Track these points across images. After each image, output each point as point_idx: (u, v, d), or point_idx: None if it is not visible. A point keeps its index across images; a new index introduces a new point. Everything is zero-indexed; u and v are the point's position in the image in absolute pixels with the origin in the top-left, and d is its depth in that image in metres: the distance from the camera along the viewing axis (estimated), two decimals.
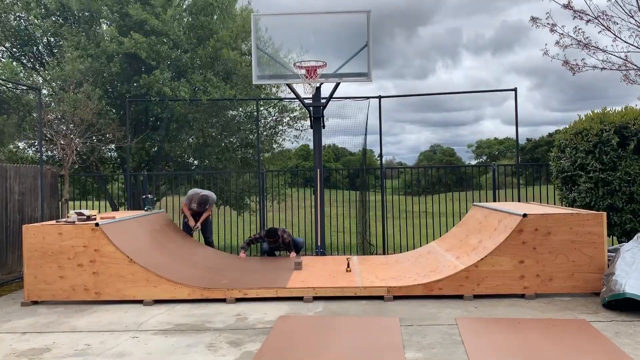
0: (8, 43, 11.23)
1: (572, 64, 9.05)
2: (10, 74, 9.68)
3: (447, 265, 6.71)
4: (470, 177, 12.71)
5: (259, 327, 5.23)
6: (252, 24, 8.66)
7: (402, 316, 5.44)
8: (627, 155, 7.29)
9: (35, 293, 6.38)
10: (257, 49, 8.81)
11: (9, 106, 10.28)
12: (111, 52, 10.18)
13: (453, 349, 4.45)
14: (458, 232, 7.99)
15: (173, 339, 4.92)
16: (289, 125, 13.22)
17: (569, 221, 6.07)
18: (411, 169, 12.34)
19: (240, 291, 6.27)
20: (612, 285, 5.44)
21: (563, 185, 8.06)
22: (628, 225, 7.34)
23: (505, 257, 6.09)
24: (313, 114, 9.03)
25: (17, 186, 8.31)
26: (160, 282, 6.27)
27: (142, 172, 10.41)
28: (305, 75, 8.38)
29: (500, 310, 5.61)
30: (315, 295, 6.20)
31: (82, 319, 5.69)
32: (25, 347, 4.80)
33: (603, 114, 7.75)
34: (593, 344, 4.48)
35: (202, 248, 8.78)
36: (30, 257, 6.36)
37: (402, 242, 10.37)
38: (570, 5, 8.75)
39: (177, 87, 10.34)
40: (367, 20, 8.43)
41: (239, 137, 12.51)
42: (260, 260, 8.54)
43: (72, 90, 9.20)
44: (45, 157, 9.99)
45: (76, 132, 9.01)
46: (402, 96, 14.28)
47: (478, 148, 76.47)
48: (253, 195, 11.97)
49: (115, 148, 11.56)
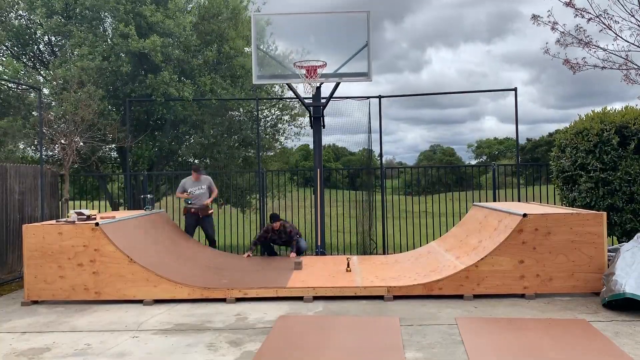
0: (9, 42, 11.22)
1: (573, 63, 9.05)
2: (12, 73, 9.67)
3: (447, 265, 6.70)
4: (470, 177, 12.71)
5: (259, 326, 5.23)
6: (252, 24, 8.66)
7: (402, 316, 5.44)
8: (627, 155, 7.28)
9: (35, 293, 6.38)
10: (258, 49, 8.81)
11: (9, 105, 10.28)
12: (120, 51, 10.16)
13: (453, 348, 4.45)
14: (458, 232, 7.99)
15: (173, 339, 4.92)
16: (289, 122, 13.28)
17: (569, 221, 6.07)
18: (411, 169, 12.33)
19: (240, 291, 6.27)
20: (612, 285, 5.44)
21: (563, 185, 8.06)
22: (628, 225, 7.33)
23: (505, 257, 6.09)
24: (313, 113, 9.03)
25: (17, 186, 8.31)
26: (160, 282, 6.27)
27: (142, 171, 10.41)
28: (306, 75, 8.38)
29: (500, 310, 5.61)
30: (315, 295, 6.20)
31: (82, 319, 5.70)
32: (25, 347, 4.80)
33: (603, 114, 7.74)
34: (593, 344, 4.48)
35: (202, 248, 8.79)
36: (30, 256, 6.36)
37: (402, 242, 10.36)
38: (572, 3, 8.75)
39: (181, 88, 10.37)
40: (367, 20, 8.44)
41: (241, 136, 12.54)
42: (261, 260, 8.55)
43: (73, 90, 9.19)
44: (45, 156, 10.00)
45: (77, 131, 9.01)
46: (402, 96, 14.26)
47: (478, 148, 76.47)
48: (254, 193, 11.99)
49: (115, 148, 11.57)
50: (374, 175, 10.32)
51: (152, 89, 10.34)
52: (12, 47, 11.43)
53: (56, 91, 9.61)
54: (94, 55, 9.99)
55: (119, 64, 10.14)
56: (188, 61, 10.91)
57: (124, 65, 10.12)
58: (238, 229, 10.78)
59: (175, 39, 10.62)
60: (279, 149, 13.93)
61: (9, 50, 11.47)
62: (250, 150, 12.97)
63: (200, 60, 11.10)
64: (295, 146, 17.31)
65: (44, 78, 10.75)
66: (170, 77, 10.31)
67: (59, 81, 9.60)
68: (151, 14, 10.20)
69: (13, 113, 10.24)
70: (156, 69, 10.54)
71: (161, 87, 10.23)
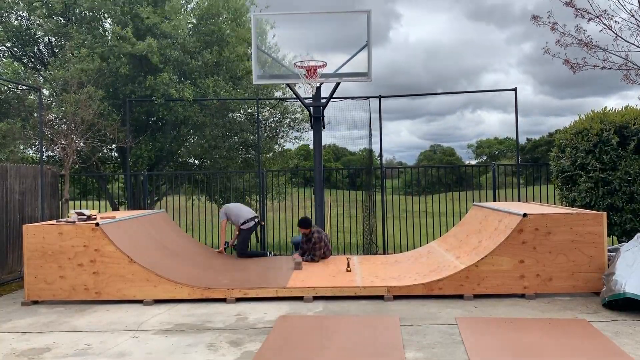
0: (9, 43, 11.23)
1: (573, 63, 9.06)
2: (12, 74, 9.68)
3: (447, 265, 6.71)
4: (470, 177, 12.71)
5: (259, 326, 5.24)
6: (253, 24, 8.66)
7: (402, 316, 5.44)
8: (627, 155, 7.28)
9: (36, 293, 6.38)
10: (258, 49, 8.81)
11: (9, 106, 10.28)
12: (119, 53, 10.17)
13: (453, 348, 4.45)
14: (458, 232, 7.99)
15: (173, 339, 4.92)
16: (290, 126, 13.26)
17: (569, 221, 6.07)
18: (411, 169, 12.33)
19: (240, 291, 6.27)
20: (613, 285, 5.44)
21: (563, 185, 8.06)
22: (628, 225, 7.34)
23: (506, 257, 6.09)
24: (313, 113, 9.04)
25: (17, 186, 8.31)
26: (161, 282, 6.27)
27: (142, 172, 10.42)
28: (306, 75, 8.38)
29: (500, 310, 5.61)
30: (316, 295, 6.20)
31: (83, 319, 5.70)
32: (25, 347, 4.80)
33: (603, 114, 7.75)
34: (593, 344, 4.48)
35: (202, 248, 8.79)
36: (31, 256, 6.36)
37: (402, 242, 10.36)
38: (572, 3, 8.76)
39: (181, 89, 10.37)
40: (367, 20, 8.44)
41: (241, 138, 12.54)
42: (261, 260, 8.54)
43: (73, 90, 9.20)
44: (45, 157, 10.00)
45: (77, 132, 9.01)
46: (402, 96, 14.23)
47: (478, 148, 76.51)
48: (254, 194, 11.98)
49: (115, 148, 11.57)
50: (375, 176, 10.32)
51: (151, 90, 10.34)
52: (12, 47, 11.44)
53: (56, 92, 9.61)
54: (93, 57, 10.00)
55: (118, 66, 10.14)
56: (187, 63, 10.91)
57: (123, 66, 10.13)
58: None
59: (173, 41, 10.62)
60: (279, 151, 13.92)
61: (9, 51, 11.48)
62: (251, 151, 12.98)
63: (199, 62, 11.10)
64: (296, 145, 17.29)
65: (44, 79, 10.76)
66: (170, 78, 10.31)
67: (58, 82, 9.61)
68: (148, 16, 10.21)
69: (13, 114, 10.25)
70: (155, 70, 10.55)
71: (161, 88, 10.23)
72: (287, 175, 13.33)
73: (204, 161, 12.99)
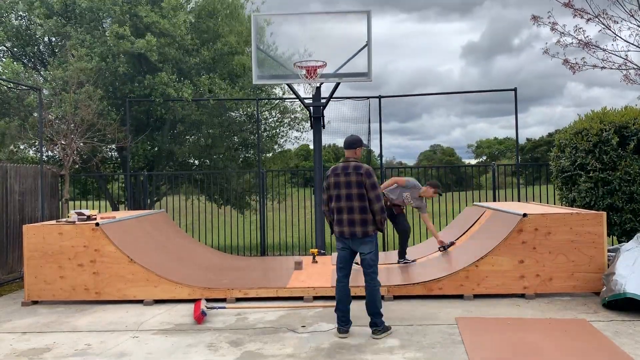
0: (9, 43, 11.22)
1: (572, 63, 9.07)
2: (12, 74, 9.67)
3: (447, 265, 6.71)
4: (470, 177, 12.71)
5: (259, 326, 5.24)
6: (252, 24, 8.66)
7: (402, 316, 5.44)
8: (627, 155, 7.29)
9: (36, 293, 6.38)
10: (258, 49, 8.81)
11: (9, 106, 10.28)
12: (117, 52, 10.16)
13: (453, 348, 4.46)
14: (458, 231, 7.98)
15: (173, 339, 4.92)
16: (290, 126, 13.26)
17: (569, 221, 6.07)
18: (411, 169, 12.33)
19: (240, 291, 6.27)
20: (613, 285, 5.44)
21: (563, 185, 8.06)
22: (628, 225, 7.34)
23: (505, 257, 6.09)
24: (313, 113, 9.03)
25: (17, 186, 8.31)
26: (161, 282, 6.27)
27: (142, 172, 10.42)
28: (306, 75, 8.37)
29: (500, 310, 5.62)
30: (316, 295, 6.20)
31: (83, 319, 5.70)
32: (25, 347, 4.81)
33: (603, 114, 7.75)
34: (593, 344, 4.48)
35: (202, 248, 8.79)
36: (31, 257, 6.36)
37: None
38: (571, 3, 8.77)
39: (180, 88, 10.37)
40: (367, 20, 8.44)
41: (241, 137, 12.54)
42: (261, 260, 8.55)
43: (73, 90, 9.20)
44: (45, 157, 10.00)
45: (77, 132, 9.01)
46: (402, 96, 14.24)
47: (478, 148, 76.51)
48: (254, 194, 11.99)
49: (115, 148, 11.57)
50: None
51: (150, 89, 10.34)
52: (12, 47, 11.44)
53: (56, 92, 9.61)
54: (91, 56, 10.00)
55: (117, 65, 10.14)
56: (185, 61, 10.90)
57: (122, 66, 10.13)
58: (238, 229, 10.79)
59: (171, 39, 10.61)
60: (279, 151, 13.92)
61: (9, 51, 11.48)
62: (250, 151, 12.97)
63: (197, 59, 11.07)
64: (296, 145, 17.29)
65: (44, 79, 10.76)
66: (169, 78, 10.30)
67: (58, 82, 9.60)
68: (146, 14, 10.21)
69: (12, 114, 10.25)
70: (154, 70, 10.54)
71: (159, 88, 10.23)
72: (287, 175, 13.33)
73: (204, 161, 12.99)
